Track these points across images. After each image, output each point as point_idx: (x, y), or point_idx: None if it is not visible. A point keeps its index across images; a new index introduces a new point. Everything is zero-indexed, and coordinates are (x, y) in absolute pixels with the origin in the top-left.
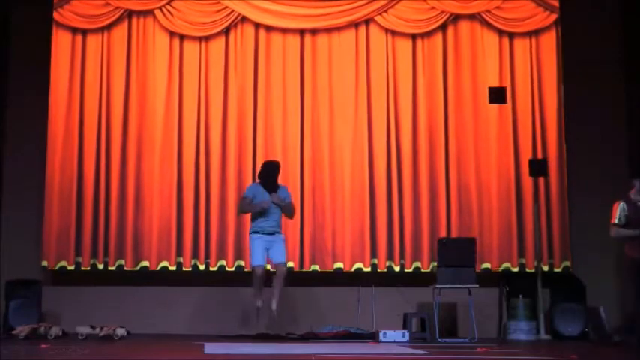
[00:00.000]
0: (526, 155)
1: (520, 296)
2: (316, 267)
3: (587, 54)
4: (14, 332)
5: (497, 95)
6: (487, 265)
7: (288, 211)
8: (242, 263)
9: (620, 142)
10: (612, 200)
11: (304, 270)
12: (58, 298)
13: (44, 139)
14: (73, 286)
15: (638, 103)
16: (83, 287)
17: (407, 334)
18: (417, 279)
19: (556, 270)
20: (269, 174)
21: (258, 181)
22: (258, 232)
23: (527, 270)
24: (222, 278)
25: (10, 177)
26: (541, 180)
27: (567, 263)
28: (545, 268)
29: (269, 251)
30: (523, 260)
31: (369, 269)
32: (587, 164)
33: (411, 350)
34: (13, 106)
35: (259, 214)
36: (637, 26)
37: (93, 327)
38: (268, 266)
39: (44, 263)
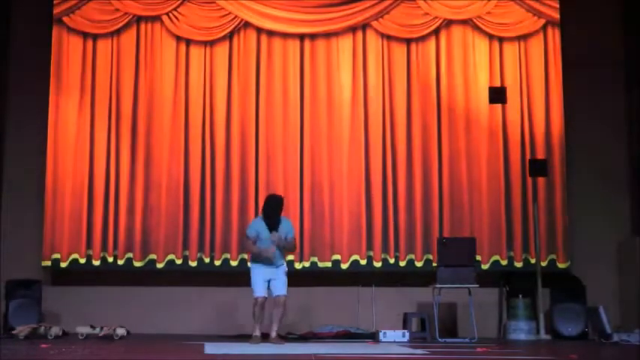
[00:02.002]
0: (515, 154)
1: (520, 296)
2: (315, 259)
3: (587, 55)
4: (14, 332)
5: (497, 95)
6: (477, 257)
7: (289, 248)
8: (245, 257)
9: (620, 143)
10: (612, 200)
11: (304, 262)
12: (58, 298)
13: (44, 140)
14: (73, 286)
15: (638, 104)
16: (83, 287)
17: (407, 334)
18: (417, 279)
19: (556, 269)
20: (272, 209)
21: (260, 215)
22: (259, 263)
23: (515, 263)
24: (222, 278)
25: (10, 177)
26: (541, 180)
27: (567, 264)
28: (544, 264)
29: (270, 283)
30: (512, 254)
31: (365, 262)
32: (587, 164)
33: (411, 350)
34: (13, 106)
35: (260, 243)
36: (637, 27)
37: (93, 327)
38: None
39: (56, 256)
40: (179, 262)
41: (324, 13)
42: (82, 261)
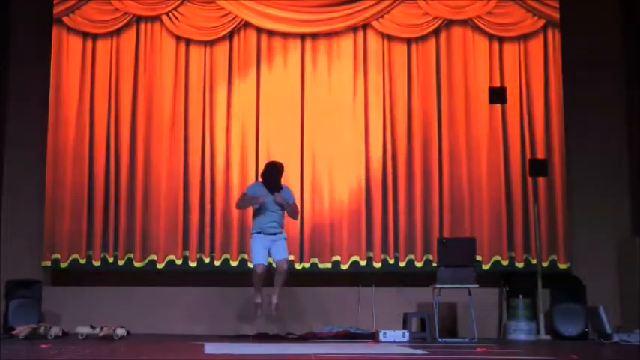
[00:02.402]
0: (515, 154)
1: (520, 296)
2: (315, 260)
3: (587, 55)
4: (14, 332)
5: (497, 95)
6: (478, 257)
7: (291, 212)
8: (245, 257)
9: (620, 142)
10: (612, 200)
11: (304, 263)
12: (58, 298)
13: (44, 140)
14: (73, 286)
15: (638, 103)
16: (83, 287)
17: (407, 334)
18: (417, 279)
19: (557, 269)
20: (272, 175)
21: (260, 180)
22: (259, 232)
23: (517, 264)
24: (222, 278)
25: (10, 177)
26: (541, 180)
27: (568, 265)
28: (545, 264)
29: (270, 249)
30: (512, 254)
31: (364, 262)
32: (587, 164)
33: (411, 350)
34: (13, 107)
35: (260, 213)
36: (637, 27)
37: (93, 327)
38: (271, 259)
39: (56, 256)
40: (179, 262)
41: (324, 12)
42: (83, 261)
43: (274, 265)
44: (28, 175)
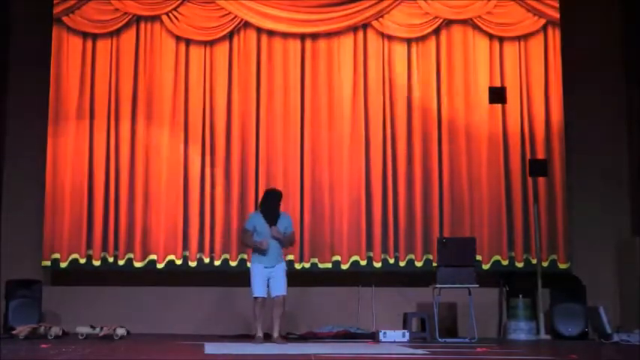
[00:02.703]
0: (515, 154)
1: (520, 296)
2: (315, 260)
3: (587, 55)
4: (14, 332)
5: (497, 95)
6: (478, 257)
7: (287, 243)
8: (244, 257)
9: (620, 143)
10: (612, 200)
11: (304, 263)
12: (58, 298)
13: (44, 140)
14: (73, 286)
15: (638, 104)
16: (83, 287)
17: (407, 334)
18: (417, 279)
19: (557, 269)
20: (270, 205)
21: (259, 209)
22: (258, 262)
23: (517, 264)
24: (222, 278)
25: (10, 177)
26: (541, 180)
27: (568, 265)
28: (545, 264)
29: (269, 281)
30: (513, 254)
31: (365, 262)
32: (587, 164)
33: (411, 350)
34: (12, 106)
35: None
36: (637, 27)
37: (93, 327)
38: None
39: (56, 256)
40: (179, 262)
41: (324, 12)
42: (82, 261)
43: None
44: (28, 175)
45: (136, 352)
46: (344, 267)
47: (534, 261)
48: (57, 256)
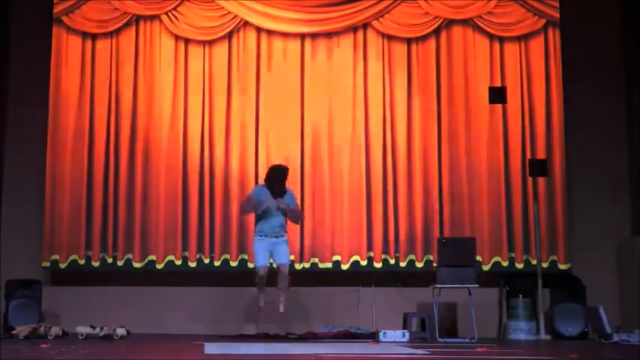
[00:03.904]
0: (516, 155)
1: (520, 296)
2: (316, 260)
3: (587, 54)
4: (14, 332)
5: (497, 95)
6: (479, 258)
7: (294, 217)
8: (245, 257)
9: (620, 142)
10: (612, 200)
11: (304, 263)
12: (58, 298)
13: (44, 139)
14: (73, 286)
15: (638, 103)
16: (83, 287)
17: (407, 334)
18: (417, 279)
19: (557, 270)
20: (276, 178)
21: (263, 183)
22: (261, 235)
23: (516, 265)
24: (222, 278)
25: (10, 177)
26: (541, 180)
27: (569, 265)
28: (545, 265)
29: (272, 253)
30: (513, 255)
31: (365, 262)
32: (587, 164)
33: (411, 350)
34: (13, 106)
35: (262, 217)
36: (637, 27)
37: (93, 327)
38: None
39: (55, 257)
40: (178, 262)
41: (324, 12)
42: (82, 262)
43: (275, 266)
44: (27, 176)
45: (136, 352)
46: (344, 267)
47: (534, 262)
48: (56, 257)
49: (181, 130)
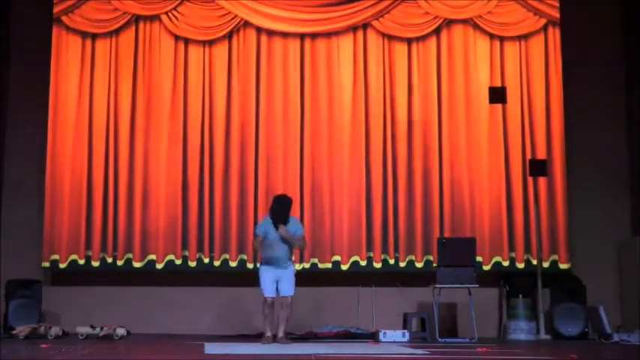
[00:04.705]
0: (516, 154)
1: (520, 296)
2: (315, 260)
3: (587, 54)
4: (14, 332)
5: (497, 95)
6: (479, 258)
7: (298, 245)
8: (244, 257)
9: (620, 142)
10: (612, 200)
11: (304, 263)
12: (58, 298)
13: (44, 139)
14: (73, 286)
15: (638, 103)
16: (83, 287)
17: (407, 334)
18: (417, 279)
19: (558, 270)
20: (279, 211)
21: (267, 215)
22: (267, 264)
23: (517, 264)
24: (222, 278)
25: (10, 177)
26: (541, 180)
27: (569, 265)
28: (546, 264)
29: (278, 283)
30: (513, 254)
31: (365, 263)
32: (587, 164)
33: (411, 350)
34: (12, 106)
35: (268, 247)
36: (637, 26)
37: (93, 327)
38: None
39: (55, 257)
40: (178, 262)
41: (324, 12)
42: (81, 262)
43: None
44: (27, 176)
45: (136, 352)
46: (344, 267)
47: (535, 262)
48: (56, 257)
49: (181, 129)
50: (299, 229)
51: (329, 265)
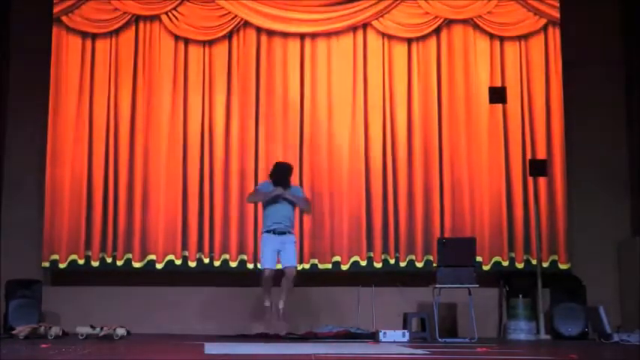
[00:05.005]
0: (516, 154)
1: (520, 296)
2: (315, 261)
3: (587, 54)
4: (14, 332)
5: (497, 95)
6: (479, 258)
7: (303, 205)
8: (245, 257)
9: (620, 142)
10: (612, 200)
11: (304, 264)
12: (58, 298)
13: (44, 139)
14: (73, 286)
15: (638, 103)
16: (83, 287)
17: (407, 334)
18: (417, 279)
19: (558, 270)
20: (281, 173)
21: (269, 179)
22: (269, 232)
23: (516, 264)
24: (222, 278)
25: (10, 177)
26: (541, 180)
27: (569, 265)
28: (546, 265)
29: (280, 254)
30: (513, 254)
31: (365, 263)
32: (587, 164)
33: (411, 350)
34: (12, 106)
35: (271, 209)
36: (637, 26)
37: (93, 327)
38: (279, 265)
39: (55, 257)
40: (178, 262)
41: (324, 12)
42: (81, 262)
43: (282, 268)
44: (27, 175)
45: (136, 352)
46: (344, 267)
47: (535, 262)
48: (56, 257)
49: (181, 129)
50: (301, 194)
51: (329, 266)
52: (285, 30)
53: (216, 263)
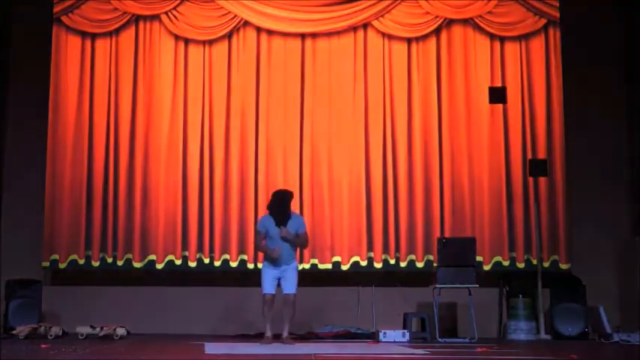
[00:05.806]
0: (517, 154)
1: (520, 296)
2: (315, 261)
3: (587, 54)
4: (14, 332)
5: (497, 95)
6: (480, 258)
7: (300, 244)
8: (245, 257)
9: (620, 143)
10: (612, 200)
11: (304, 264)
12: (58, 298)
13: (44, 139)
14: (73, 286)
15: (638, 103)
16: (83, 287)
17: (407, 334)
18: (417, 279)
19: (558, 270)
20: (279, 206)
21: (267, 212)
22: (269, 262)
23: (517, 264)
24: (222, 278)
25: (10, 177)
26: (541, 180)
27: (568, 265)
28: (546, 265)
29: (280, 280)
30: (514, 254)
31: (365, 263)
32: (587, 164)
33: (411, 350)
34: (12, 106)
35: (270, 245)
36: (637, 26)
37: (93, 327)
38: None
39: (55, 257)
40: (178, 262)
41: (324, 12)
42: (81, 262)
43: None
44: (27, 176)
45: (136, 352)
46: (344, 267)
47: (535, 262)
48: (56, 257)
49: (181, 129)
50: (301, 225)
51: (329, 266)
52: (286, 30)
53: (217, 263)
